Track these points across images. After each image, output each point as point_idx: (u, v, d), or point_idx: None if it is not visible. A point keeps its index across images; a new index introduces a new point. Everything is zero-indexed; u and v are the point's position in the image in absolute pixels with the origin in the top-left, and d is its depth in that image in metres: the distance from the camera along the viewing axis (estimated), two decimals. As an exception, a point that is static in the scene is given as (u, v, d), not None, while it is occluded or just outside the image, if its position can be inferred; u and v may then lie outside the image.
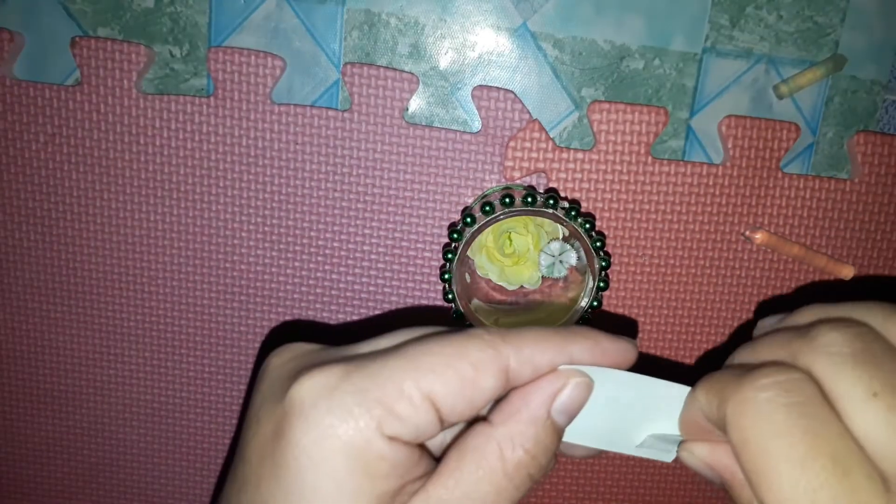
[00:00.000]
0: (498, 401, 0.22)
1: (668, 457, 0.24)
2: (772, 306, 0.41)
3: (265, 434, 0.21)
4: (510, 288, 0.40)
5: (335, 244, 0.41)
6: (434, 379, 0.21)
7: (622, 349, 0.23)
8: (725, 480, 0.22)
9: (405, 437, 0.21)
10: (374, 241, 0.41)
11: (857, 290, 0.41)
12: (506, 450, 0.21)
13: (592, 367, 0.23)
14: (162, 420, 0.43)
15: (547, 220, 0.38)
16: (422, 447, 0.22)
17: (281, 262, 0.41)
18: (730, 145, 0.39)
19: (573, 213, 0.35)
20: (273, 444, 0.21)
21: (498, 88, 0.39)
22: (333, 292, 0.41)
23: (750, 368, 0.20)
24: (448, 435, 0.24)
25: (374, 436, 0.20)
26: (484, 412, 0.23)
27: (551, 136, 0.40)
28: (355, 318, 0.42)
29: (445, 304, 0.41)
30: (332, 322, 0.42)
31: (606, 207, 0.40)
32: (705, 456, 0.22)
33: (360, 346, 0.23)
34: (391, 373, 0.21)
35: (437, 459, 0.23)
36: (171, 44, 0.40)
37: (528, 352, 0.22)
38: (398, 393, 0.20)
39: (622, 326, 0.41)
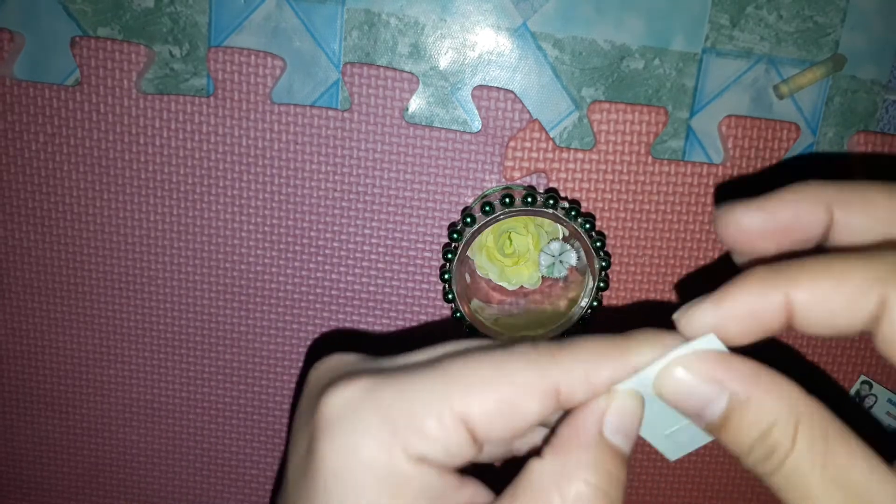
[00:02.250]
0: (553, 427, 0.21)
1: (673, 455, 0.22)
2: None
3: (301, 450, 0.20)
4: (510, 288, 0.40)
5: (335, 244, 0.41)
6: (468, 399, 0.19)
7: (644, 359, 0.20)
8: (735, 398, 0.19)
9: (434, 458, 0.19)
10: (374, 241, 0.41)
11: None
12: (563, 485, 0.19)
13: None
14: (162, 420, 0.43)
15: (547, 220, 0.38)
16: (462, 473, 0.20)
17: (281, 261, 0.41)
18: (730, 145, 0.39)
19: (573, 213, 0.35)
20: (306, 461, 0.20)
21: (498, 88, 0.39)
22: (333, 292, 0.41)
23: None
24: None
25: (398, 455, 0.19)
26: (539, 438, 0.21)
27: (551, 136, 0.40)
28: (355, 318, 0.42)
29: (445, 304, 0.41)
30: (332, 322, 0.42)
31: (606, 207, 0.40)
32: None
33: (398, 359, 0.22)
34: (422, 389, 0.19)
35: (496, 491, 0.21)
36: (171, 44, 0.40)
37: (582, 371, 0.19)
38: (427, 411, 0.19)
39: (623, 328, 0.41)
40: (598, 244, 0.35)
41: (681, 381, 0.19)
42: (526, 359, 0.19)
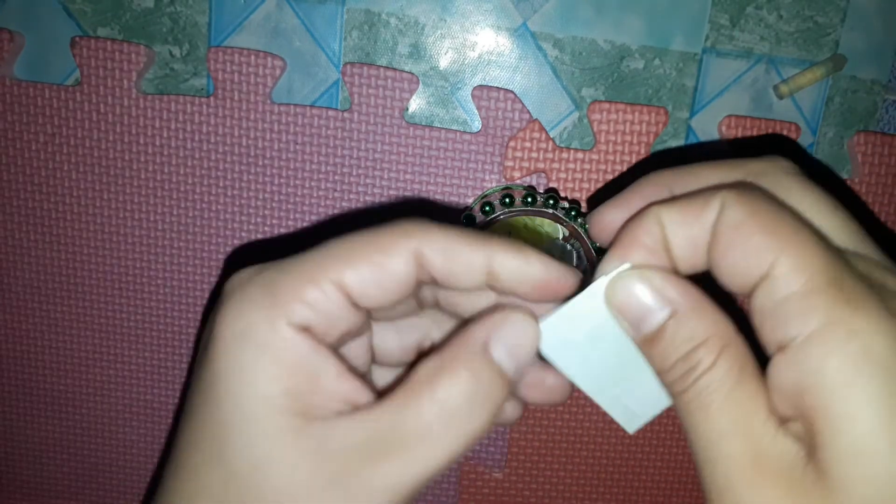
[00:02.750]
0: None
1: (631, 426, 0.22)
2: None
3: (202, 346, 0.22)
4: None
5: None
6: (342, 265, 0.20)
7: (557, 276, 0.21)
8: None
9: (316, 324, 0.20)
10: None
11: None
12: (434, 382, 0.20)
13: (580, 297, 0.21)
14: (162, 420, 0.43)
15: (547, 220, 0.38)
16: (349, 366, 0.21)
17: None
18: (730, 145, 0.39)
19: (573, 213, 0.35)
20: (204, 340, 0.21)
21: (498, 88, 0.39)
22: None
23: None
24: None
25: (280, 322, 0.20)
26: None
27: (551, 136, 0.40)
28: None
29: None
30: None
31: (606, 207, 0.40)
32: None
33: None
34: (302, 262, 0.21)
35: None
36: (170, 44, 0.40)
37: (442, 240, 0.21)
38: (306, 280, 0.20)
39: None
40: (598, 244, 0.36)
41: (633, 289, 0.20)
42: (394, 225, 0.21)
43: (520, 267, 0.21)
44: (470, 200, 0.40)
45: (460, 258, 0.21)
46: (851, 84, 0.41)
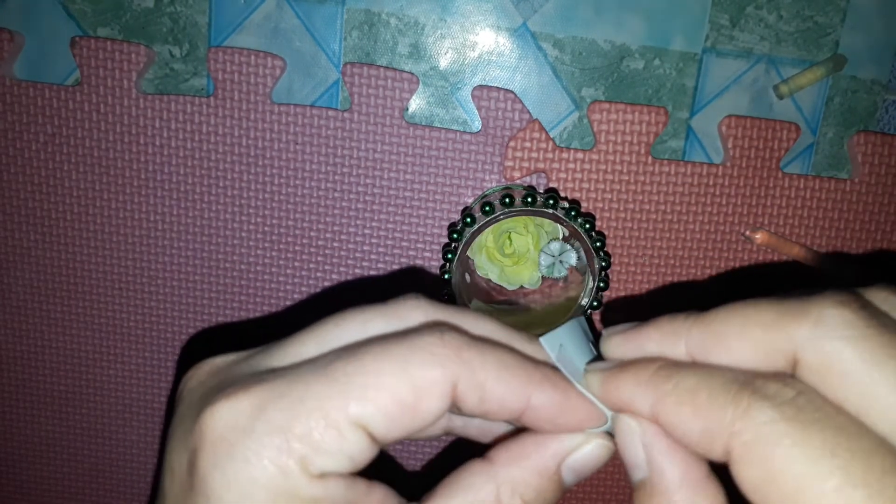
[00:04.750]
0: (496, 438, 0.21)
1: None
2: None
3: (180, 469, 0.18)
4: (510, 288, 0.40)
5: (335, 244, 0.41)
6: (365, 403, 0.18)
7: (592, 416, 0.20)
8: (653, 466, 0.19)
9: (335, 470, 0.18)
10: (374, 241, 0.41)
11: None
12: (504, 495, 0.19)
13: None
14: (162, 420, 0.43)
15: (547, 220, 0.38)
16: (370, 479, 0.19)
17: (281, 262, 0.41)
18: (730, 145, 0.39)
19: (573, 213, 0.35)
20: (189, 483, 0.18)
21: (498, 88, 0.39)
22: (334, 292, 0.41)
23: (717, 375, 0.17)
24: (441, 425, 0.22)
25: (296, 475, 0.17)
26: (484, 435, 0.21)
27: (551, 136, 0.40)
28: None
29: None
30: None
31: (606, 207, 0.40)
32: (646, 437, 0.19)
33: (283, 351, 0.20)
34: (313, 397, 0.18)
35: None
36: (170, 44, 0.40)
37: (481, 378, 0.19)
38: (321, 422, 0.17)
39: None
40: (598, 244, 0.35)
41: (627, 438, 0.19)
42: (429, 356, 0.18)
43: (555, 414, 0.20)
44: (470, 200, 0.40)
45: (494, 398, 0.19)
46: (851, 84, 0.41)
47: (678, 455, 0.18)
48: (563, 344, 0.20)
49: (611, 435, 0.20)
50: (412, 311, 0.20)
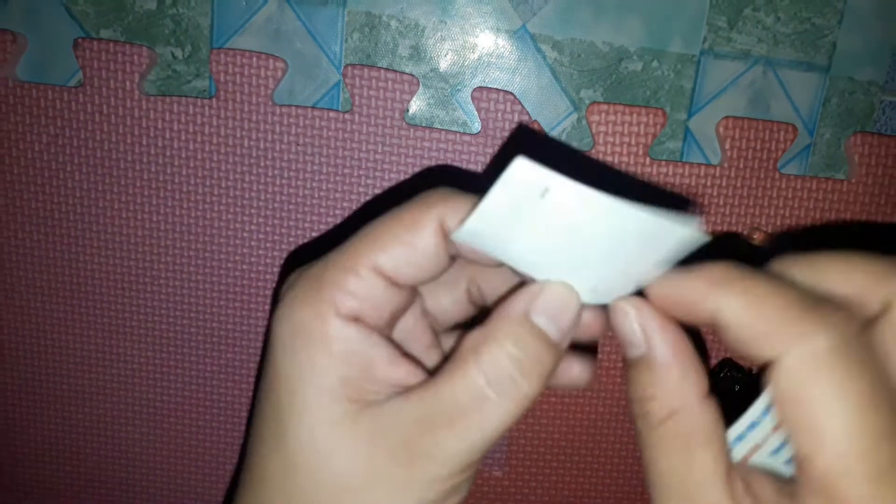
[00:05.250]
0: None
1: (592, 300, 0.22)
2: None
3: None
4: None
5: (336, 245, 0.41)
6: (376, 248, 0.21)
7: None
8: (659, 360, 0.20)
9: (363, 311, 0.21)
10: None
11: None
12: (480, 349, 0.20)
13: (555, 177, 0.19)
14: (165, 419, 0.44)
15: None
16: (402, 351, 0.22)
17: (282, 262, 0.41)
18: (727, 146, 0.39)
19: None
20: (267, 342, 0.22)
21: (498, 90, 0.39)
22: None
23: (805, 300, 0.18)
24: None
25: (329, 316, 0.21)
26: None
27: (550, 138, 0.41)
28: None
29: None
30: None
31: (605, 208, 0.40)
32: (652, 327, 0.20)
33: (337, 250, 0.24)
34: (340, 254, 0.22)
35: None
36: (173, 45, 0.40)
37: (463, 210, 0.21)
38: (345, 269, 0.21)
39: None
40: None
41: (625, 314, 0.21)
42: (418, 200, 0.22)
43: None
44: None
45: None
46: (849, 85, 0.41)
47: (671, 333, 0.20)
48: (548, 189, 0.20)
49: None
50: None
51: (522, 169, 0.18)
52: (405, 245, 0.21)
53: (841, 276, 0.19)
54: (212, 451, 0.44)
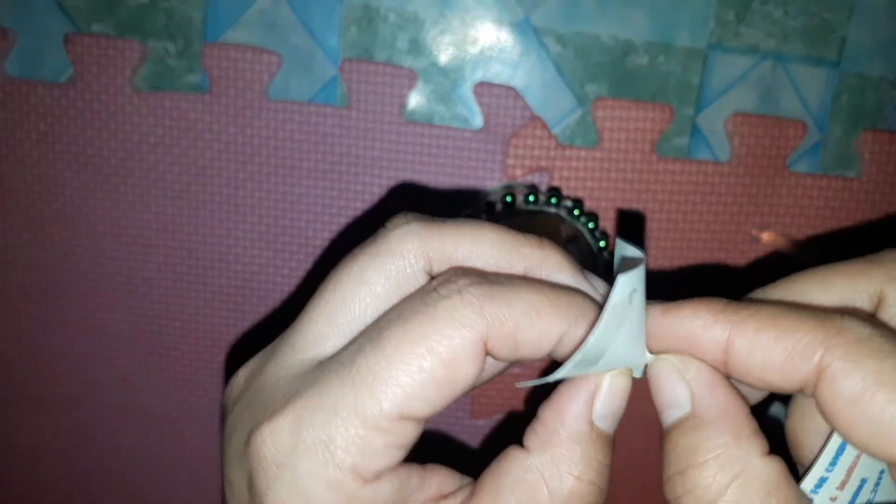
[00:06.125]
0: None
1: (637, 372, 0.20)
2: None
3: (241, 489, 0.19)
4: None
5: (333, 244, 0.40)
6: (397, 395, 0.17)
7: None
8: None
9: (388, 465, 0.18)
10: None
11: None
12: (551, 480, 0.18)
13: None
14: (156, 424, 0.43)
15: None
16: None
17: (277, 262, 0.40)
18: (736, 143, 0.39)
19: (576, 212, 0.34)
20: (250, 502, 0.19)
21: (499, 85, 0.38)
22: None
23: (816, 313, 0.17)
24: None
25: (351, 483, 0.17)
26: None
27: (554, 134, 0.40)
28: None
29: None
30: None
31: (610, 206, 0.39)
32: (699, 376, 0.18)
33: (301, 337, 0.20)
34: (348, 408, 0.17)
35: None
36: (165, 40, 0.39)
37: (511, 329, 0.18)
38: (363, 427, 0.17)
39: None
40: (602, 244, 0.35)
41: (666, 373, 0.19)
42: (450, 320, 0.17)
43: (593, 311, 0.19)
44: (470, 200, 0.40)
45: (530, 345, 0.18)
46: (859, 81, 0.41)
47: (722, 389, 0.18)
48: (636, 289, 0.18)
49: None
50: (405, 242, 0.19)
51: (628, 285, 0.17)
52: (442, 385, 0.17)
53: (820, 288, 0.19)
54: (203, 456, 0.43)
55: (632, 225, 0.39)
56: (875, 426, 0.16)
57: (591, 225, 0.34)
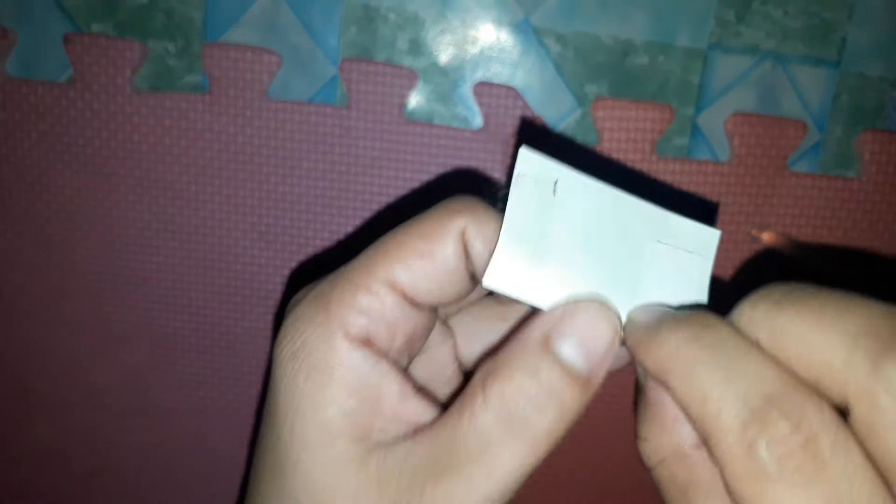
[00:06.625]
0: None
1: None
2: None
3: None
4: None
5: (332, 243, 0.40)
6: (390, 262, 0.19)
7: None
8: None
9: (375, 333, 0.19)
10: (372, 239, 0.40)
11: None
12: (491, 386, 0.18)
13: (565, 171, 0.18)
14: (157, 424, 0.43)
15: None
16: (415, 385, 0.20)
17: (277, 262, 0.40)
18: (736, 143, 0.39)
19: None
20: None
21: (499, 85, 0.38)
22: (331, 293, 0.41)
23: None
24: None
25: (336, 337, 0.18)
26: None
27: (554, 134, 0.40)
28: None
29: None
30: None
31: (610, 206, 0.39)
32: None
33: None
34: (350, 270, 0.20)
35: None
36: (165, 40, 0.39)
37: (487, 231, 0.19)
38: (356, 286, 0.19)
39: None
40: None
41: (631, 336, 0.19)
42: (439, 208, 0.20)
43: None
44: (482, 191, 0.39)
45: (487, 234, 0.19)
46: (859, 81, 0.40)
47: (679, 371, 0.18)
48: (556, 180, 0.19)
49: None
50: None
51: (529, 161, 0.18)
52: (423, 256, 0.19)
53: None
54: (205, 455, 0.43)
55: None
56: None
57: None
